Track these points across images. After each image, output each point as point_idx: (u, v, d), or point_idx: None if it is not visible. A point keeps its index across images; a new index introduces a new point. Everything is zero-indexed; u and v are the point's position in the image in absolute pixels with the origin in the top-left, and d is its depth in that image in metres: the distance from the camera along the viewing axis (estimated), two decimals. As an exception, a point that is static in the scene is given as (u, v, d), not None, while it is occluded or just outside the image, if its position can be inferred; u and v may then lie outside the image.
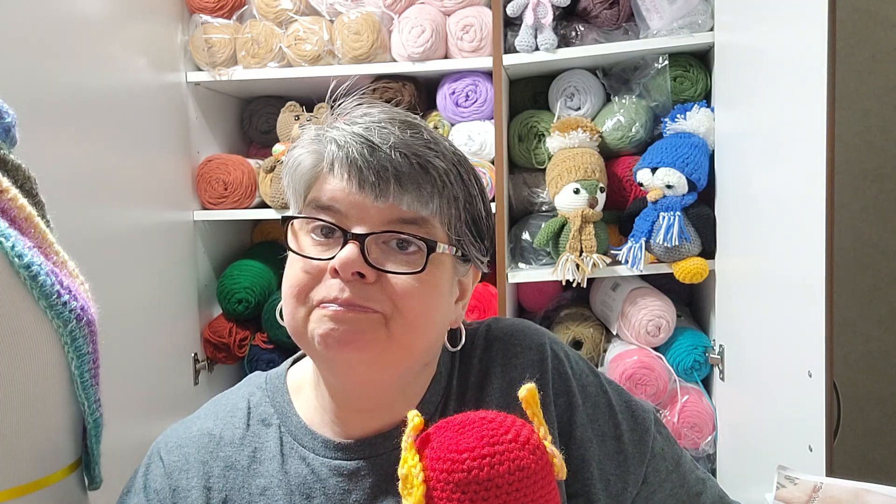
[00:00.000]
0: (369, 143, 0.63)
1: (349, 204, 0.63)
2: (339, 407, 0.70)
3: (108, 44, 1.47)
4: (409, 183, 0.63)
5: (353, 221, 0.63)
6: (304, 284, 0.64)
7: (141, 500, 0.71)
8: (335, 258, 0.62)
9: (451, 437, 0.55)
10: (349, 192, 0.63)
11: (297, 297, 0.64)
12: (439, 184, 0.64)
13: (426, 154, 0.64)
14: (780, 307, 1.15)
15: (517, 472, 0.53)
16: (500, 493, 0.53)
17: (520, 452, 0.54)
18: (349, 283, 0.62)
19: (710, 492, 0.77)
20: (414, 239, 0.64)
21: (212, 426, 0.73)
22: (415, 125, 0.66)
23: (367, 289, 0.62)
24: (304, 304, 0.64)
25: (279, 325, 0.71)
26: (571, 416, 0.72)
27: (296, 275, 0.65)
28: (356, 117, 0.66)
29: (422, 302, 0.64)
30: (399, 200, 0.63)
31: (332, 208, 0.64)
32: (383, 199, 0.63)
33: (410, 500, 0.53)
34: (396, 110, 0.68)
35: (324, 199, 0.64)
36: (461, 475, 0.53)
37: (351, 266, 0.61)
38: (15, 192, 0.63)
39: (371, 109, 0.67)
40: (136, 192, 1.55)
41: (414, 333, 0.64)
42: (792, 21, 1.07)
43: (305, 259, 0.64)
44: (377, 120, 0.65)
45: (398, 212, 0.63)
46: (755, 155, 1.29)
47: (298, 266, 0.65)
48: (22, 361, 0.60)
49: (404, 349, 0.65)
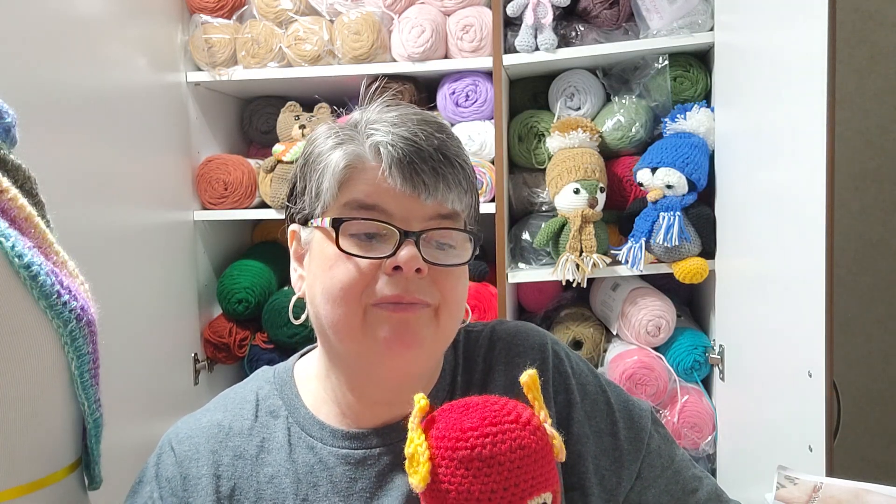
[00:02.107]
0: (417, 145, 0.66)
1: (396, 203, 0.66)
2: (355, 399, 0.72)
3: (108, 44, 1.47)
4: (453, 182, 0.67)
5: (398, 221, 0.66)
6: (356, 284, 0.66)
7: (153, 488, 0.73)
8: (396, 256, 0.64)
9: (455, 418, 0.58)
10: (398, 192, 0.66)
11: (350, 298, 0.66)
12: (471, 181, 0.70)
13: (461, 154, 0.70)
14: (780, 307, 1.15)
15: (518, 450, 0.56)
16: (501, 470, 0.55)
17: (521, 432, 0.56)
18: (408, 279, 0.65)
19: (705, 490, 0.78)
20: (462, 233, 0.69)
21: (221, 417, 0.75)
22: (443, 126, 0.70)
23: (421, 283, 0.66)
24: (358, 303, 0.66)
25: (279, 325, 0.72)
26: (569, 412, 0.75)
27: (346, 275, 0.66)
28: (392, 119, 0.68)
29: (462, 290, 0.70)
30: (445, 198, 0.67)
31: (377, 207, 0.66)
32: (433, 198, 0.66)
33: (417, 477, 0.56)
34: (420, 110, 0.71)
35: (367, 200, 0.66)
36: (465, 452, 0.55)
37: (414, 263, 0.64)
38: (15, 192, 0.63)
39: (403, 110, 0.70)
40: (136, 192, 1.55)
41: (455, 320, 0.70)
42: (792, 21, 1.07)
43: (356, 259, 0.66)
44: (414, 121, 0.68)
45: (440, 208, 0.67)
46: (755, 155, 1.29)
47: (346, 266, 0.66)
48: (22, 361, 0.60)
49: (447, 336, 0.70)
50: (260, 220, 2.04)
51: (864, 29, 2.03)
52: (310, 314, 0.72)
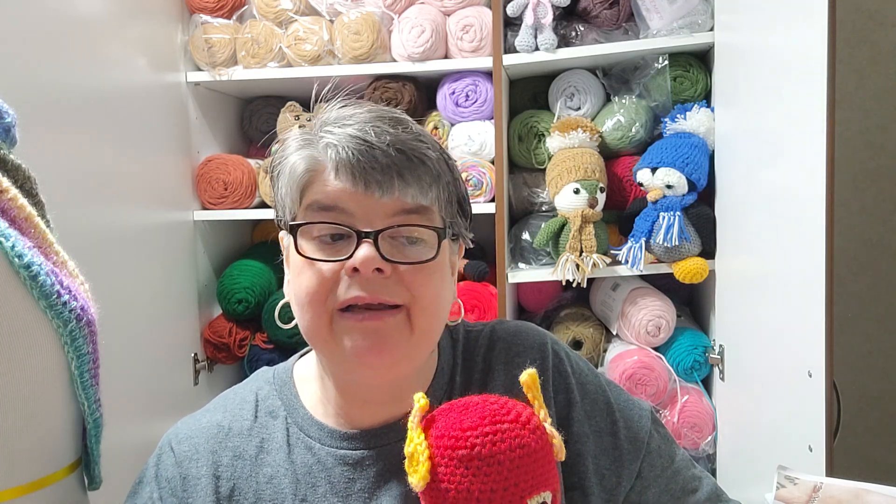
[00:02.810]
0: (366, 142, 0.64)
1: (354, 203, 0.65)
2: (345, 400, 0.72)
3: (108, 44, 1.47)
4: (410, 176, 0.65)
5: (359, 219, 0.65)
6: (320, 289, 0.65)
7: (153, 488, 0.73)
8: (353, 258, 0.63)
9: (454, 417, 0.58)
10: (354, 192, 0.65)
11: (314, 304, 0.65)
12: (434, 173, 0.67)
13: (419, 147, 0.67)
14: (780, 307, 1.15)
15: (518, 449, 0.55)
16: (501, 469, 0.55)
17: (520, 431, 0.56)
18: (369, 280, 0.64)
19: (705, 489, 0.78)
20: (424, 228, 0.66)
21: (221, 418, 0.75)
22: (402, 120, 0.68)
23: (386, 283, 0.65)
24: (323, 309, 0.65)
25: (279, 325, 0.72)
26: (569, 412, 0.75)
27: (309, 281, 0.65)
28: (344, 118, 0.67)
29: (435, 287, 0.68)
30: (404, 194, 0.65)
31: (337, 208, 0.65)
32: (389, 195, 0.65)
33: (416, 476, 0.56)
34: (381, 108, 0.70)
35: (326, 201, 0.65)
36: (464, 451, 0.55)
37: (371, 263, 0.63)
38: (15, 192, 0.63)
39: (356, 110, 0.68)
40: (136, 192, 1.55)
41: (432, 319, 0.68)
42: (792, 21, 1.07)
43: (319, 263, 0.65)
44: (366, 119, 0.66)
45: (402, 204, 0.66)
46: (755, 155, 1.29)
47: (311, 272, 0.66)
48: (22, 361, 0.60)
49: (426, 337, 0.68)
50: (260, 220, 2.04)
51: (864, 29, 2.03)
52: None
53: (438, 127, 1.74)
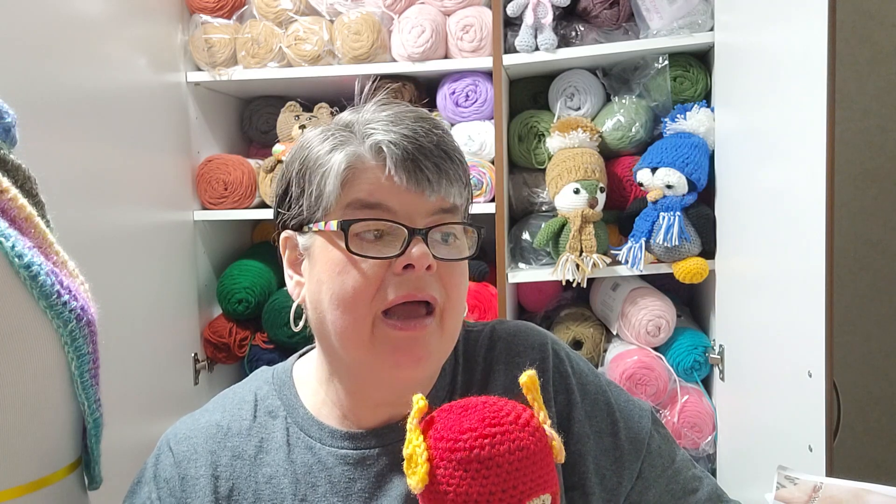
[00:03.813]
0: (418, 142, 0.66)
1: (398, 201, 0.65)
2: (356, 402, 0.72)
3: (108, 44, 1.47)
4: (454, 176, 0.68)
5: (402, 217, 0.65)
6: (368, 289, 0.65)
7: (151, 489, 0.73)
8: (407, 254, 0.64)
9: (453, 419, 0.57)
10: (399, 189, 0.65)
11: (360, 304, 0.65)
12: (466, 176, 0.70)
13: (458, 149, 0.70)
14: (780, 307, 1.15)
15: (517, 451, 0.55)
16: (500, 472, 0.54)
17: (520, 433, 0.56)
18: (420, 277, 0.64)
19: (706, 490, 0.78)
20: (462, 227, 0.69)
21: (219, 418, 0.75)
22: (437, 122, 0.70)
23: (431, 280, 0.66)
24: (368, 311, 0.65)
25: (279, 324, 0.72)
26: (570, 412, 0.75)
27: (355, 280, 0.65)
28: (387, 115, 0.68)
29: (464, 285, 0.70)
30: (447, 193, 0.67)
31: (381, 206, 0.65)
32: (436, 194, 0.66)
33: (415, 478, 0.55)
34: (413, 107, 0.71)
35: (370, 199, 0.65)
36: (463, 454, 0.55)
37: (426, 260, 0.64)
38: (15, 192, 0.64)
39: (397, 108, 0.69)
40: (136, 192, 1.55)
41: (458, 320, 0.70)
42: (792, 21, 1.07)
43: (362, 262, 0.65)
44: (411, 118, 0.68)
45: (442, 203, 0.67)
46: (755, 155, 1.29)
47: (355, 271, 0.65)
48: (22, 361, 0.60)
49: (452, 338, 0.70)
50: (260, 220, 2.04)
51: (864, 29, 2.03)
52: (310, 320, 0.71)
53: (438, 127, 1.74)
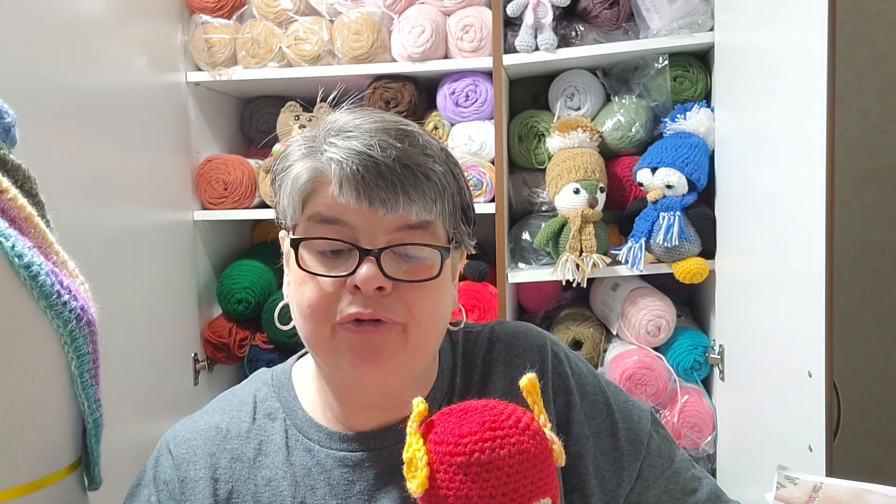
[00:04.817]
0: (373, 159, 0.63)
1: (357, 217, 0.64)
2: (342, 405, 0.72)
3: (108, 44, 1.47)
4: (415, 193, 0.64)
5: (361, 233, 0.64)
6: (322, 303, 0.65)
7: (151, 491, 0.72)
8: (356, 276, 0.63)
9: (454, 422, 0.57)
10: (357, 208, 0.64)
11: (316, 316, 0.65)
12: (440, 188, 0.66)
13: (426, 162, 0.65)
14: (780, 307, 1.15)
15: (517, 455, 0.55)
16: (500, 475, 0.54)
17: (520, 437, 0.55)
18: (370, 297, 0.63)
19: (705, 490, 0.78)
20: (427, 248, 0.66)
21: (219, 420, 0.75)
22: (409, 132, 0.66)
23: (386, 300, 0.64)
24: (325, 321, 0.65)
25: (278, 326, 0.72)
26: (569, 413, 0.75)
27: (311, 293, 0.65)
28: (349, 130, 0.65)
29: (434, 304, 0.67)
30: (408, 211, 0.64)
31: (339, 221, 0.65)
32: (393, 212, 0.63)
33: (415, 482, 0.55)
34: (387, 116, 0.68)
35: (329, 214, 0.65)
36: (463, 458, 0.54)
37: (373, 282, 0.62)
38: (15, 192, 0.63)
39: (362, 119, 0.66)
40: (136, 192, 1.55)
41: (428, 335, 0.68)
42: (792, 21, 1.07)
43: (320, 278, 0.65)
44: (371, 131, 0.64)
45: (406, 220, 0.65)
46: (755, 155, 1.29)
47: (312, 284, 0.65)
48: (22, 361, 0.60)
49: (420, 352, 0.68)
50: (260, 220, 2.04)
51: (864, 29, 2.03)
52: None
53: (438, 127, 1.74)
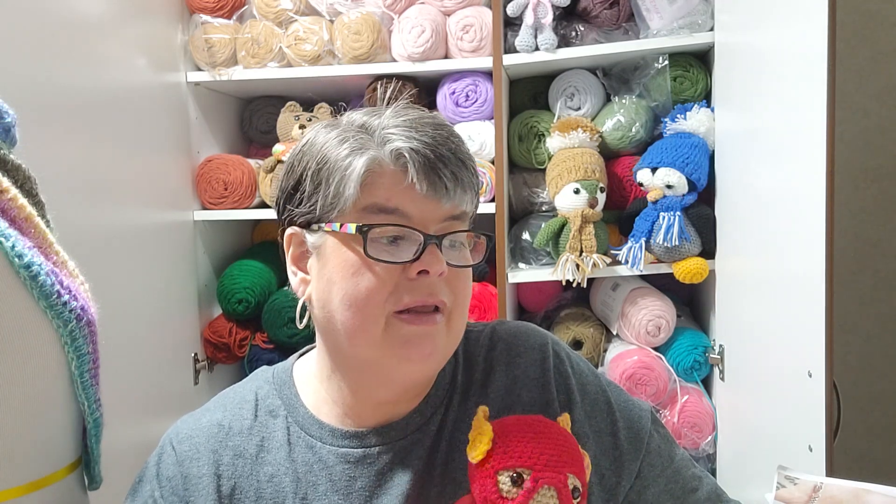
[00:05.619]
0: (438, 150, 0.67)
1: (414, 206, 0.67)
2: (359, 401, 0.73)
3: (108, 44, 1.47)
4: (467, 184, 0.69)
5: (416, 223, 0.67)
6: (381, 291, 0.66)
7: (154, 486, 0.73)
8: (424, 260, 0.65)
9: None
10: (416, 196, 0.66)
11: (373, 306, 0.66)
12: (476, 182, 0.72)
13: (471, 157, 0.71)
14: (780, 307, 1.15)
15: (562, 435, 0.64)
16: (549, 441, 0.62)
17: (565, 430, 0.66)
18: (432, 282, 0.66)
19: (705, 489, 0.78)
20: (483, 235, 0.72)
21: (221, 417, 0.75)
22: (450, 128, 0.71)
23: (440, 284, 0.67)
24: (381, 311, 0.66)
25: (279, 324, 0.72)
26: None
27: (369, 283, 0.66)
28: (406, 123, 0.68)
29: (470, 289, 0.73)
30: (461, 201, 0.69)
31: (397, 211, 0.66)
32: (451, 201, 0.67)
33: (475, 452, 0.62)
34: (431, 114, 0.72)
35: (388, 204, 0.66)
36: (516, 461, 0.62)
37: (441, 266, 0.66)
38: (15, 192, 0.64)
39: (415, 114, 0.70)
40: (136, 192, 1.55)
41: (463, 322, 0.72)
42: (792, 21, 1.07)
43: (376, 265, 0.66)
44: (427, 125, 0.68)
45: (453, 210, 0.68)
46: (755, 155, 1.29)
47: (369, 273, 0.66)
48: (22, 361, 0.60)
49: (457, 338, 0.72)
50: (260, 220, 2.04)
51: (864, 29, 2.03)
52: (315, 318, 0.72)
53: (438, 127, 1.74)
